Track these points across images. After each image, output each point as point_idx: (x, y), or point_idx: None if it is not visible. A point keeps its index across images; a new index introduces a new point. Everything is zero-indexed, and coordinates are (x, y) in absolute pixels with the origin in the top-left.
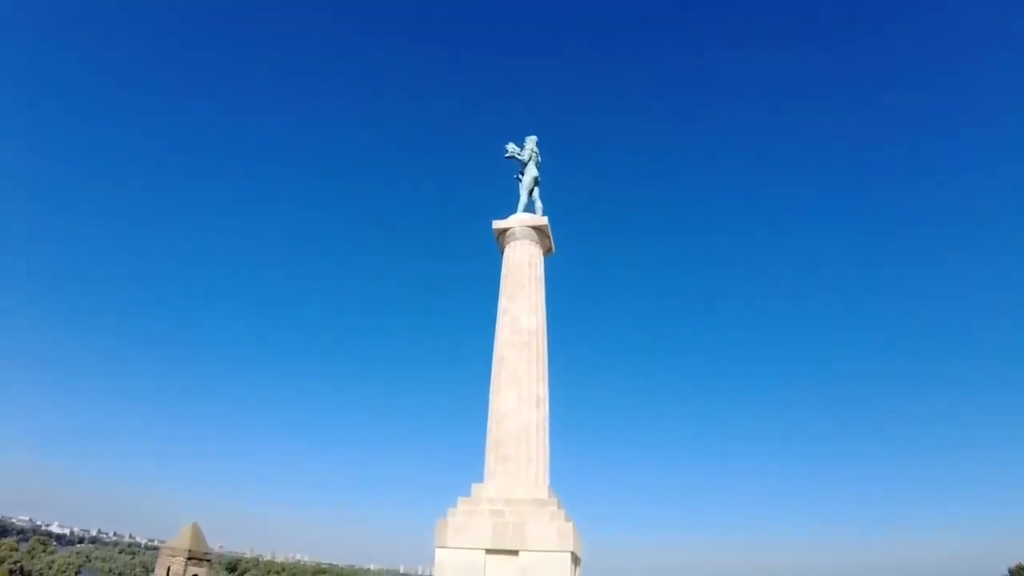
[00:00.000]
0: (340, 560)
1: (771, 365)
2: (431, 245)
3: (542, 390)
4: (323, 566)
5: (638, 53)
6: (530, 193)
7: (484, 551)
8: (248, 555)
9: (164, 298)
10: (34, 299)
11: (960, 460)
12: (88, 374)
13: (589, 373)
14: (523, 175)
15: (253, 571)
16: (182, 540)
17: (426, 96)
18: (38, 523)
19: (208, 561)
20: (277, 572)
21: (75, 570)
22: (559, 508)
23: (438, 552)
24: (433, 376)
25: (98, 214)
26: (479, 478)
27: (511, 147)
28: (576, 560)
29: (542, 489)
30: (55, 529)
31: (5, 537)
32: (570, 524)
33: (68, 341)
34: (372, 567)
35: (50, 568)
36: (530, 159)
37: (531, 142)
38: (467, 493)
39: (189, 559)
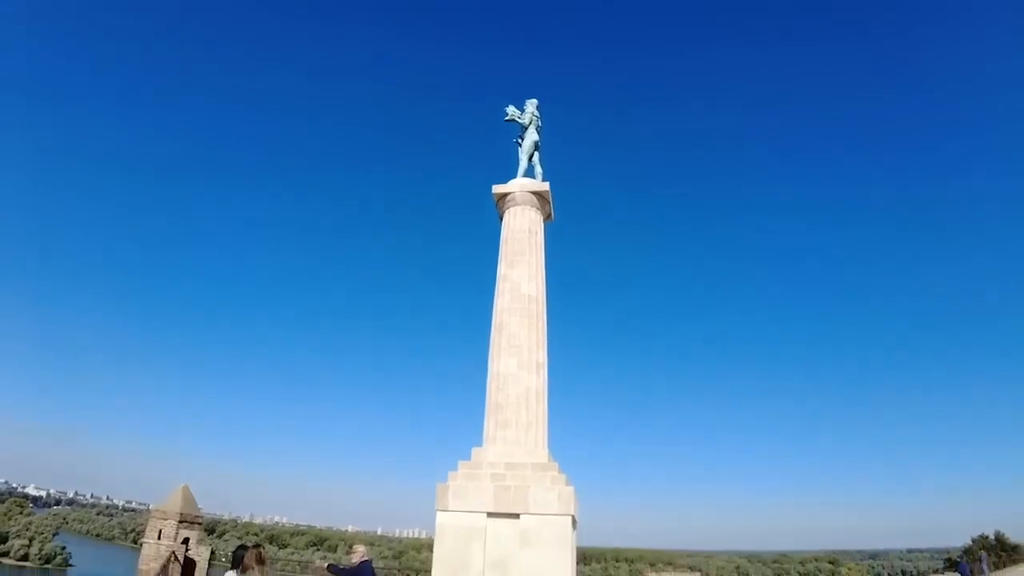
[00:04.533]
0: (317, 522)
1: (771, 329)
2: (430, 211)
3: (541, 356)
4: (301, 527)
5: (642, 13)
6: (530, 158)
7: (485, 514)
8: (226, 517)
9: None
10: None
11: (928, 436)
12: (64, 340)
13: (586, 340)
14: (523, 139)
15: (231, 533)
16: (173, 503)
17: (425, 61)
18: (13, 485)
19: (200, 524)
20: (255, 534)
21: (53, 532)
22: (559, 473)
23: (439, 515)
24: (422, 345)
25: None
26: (476, 443)
27: (511, 110)
28: (575, 523)
29: (542, 454)
30: (31, 491)
31: None
32: (570, 489)
33: (47, 305)
34: (350, 528)
35: (27, 530)
36: (530, 123)
37: (531, 105)
38: (466, 457)
39: (180, 522)
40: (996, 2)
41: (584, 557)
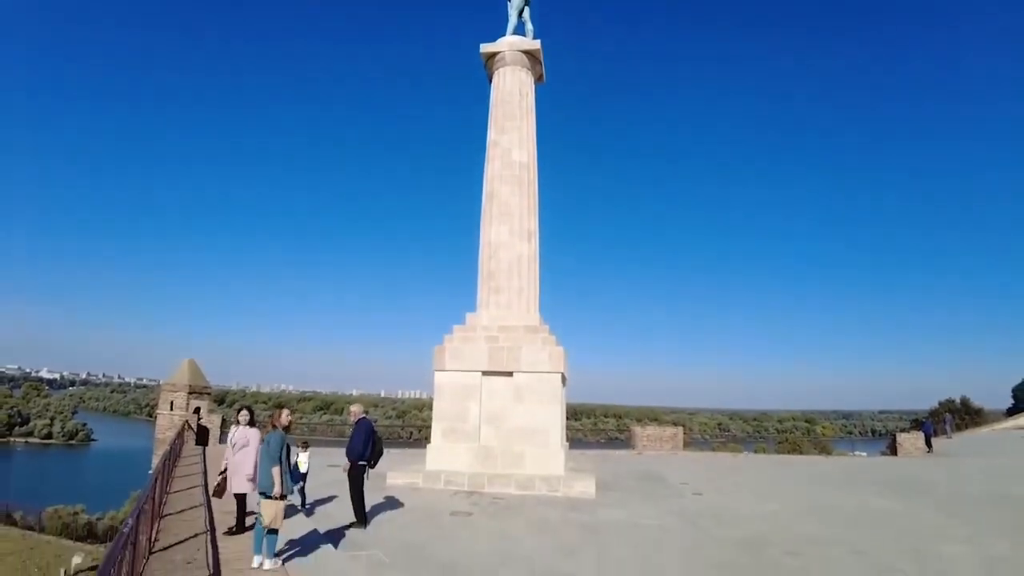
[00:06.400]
0: (322, 388)
1: (757, 197)
2: (419, 75)
3: (533, 224)
4: (307, 394)
5: None
6: (520, 14)
7: (480, 373)
8: (234, 388)
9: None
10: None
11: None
12: (65, 218)
13: (577, 205)
14: None
15: (240, 402)
16: (181, 376)
17: None
18: (27, 370)
19: (208, 394)
20: (263, 402)
21: (72, 411)
22: (550, 334)
23: (437, 375)
24: (418, 214)
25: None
26: (470, 309)
27: None
28: (564, 380)
29: (533, 317)
30: (45, 375)
31: None
32: (560, 349)
33: (54, 177)
34: (354, 392)
35: (47, 411)
36: None
37: None
38: (461, 322)
39: (190, 393)
40: None
41: (575, 413)
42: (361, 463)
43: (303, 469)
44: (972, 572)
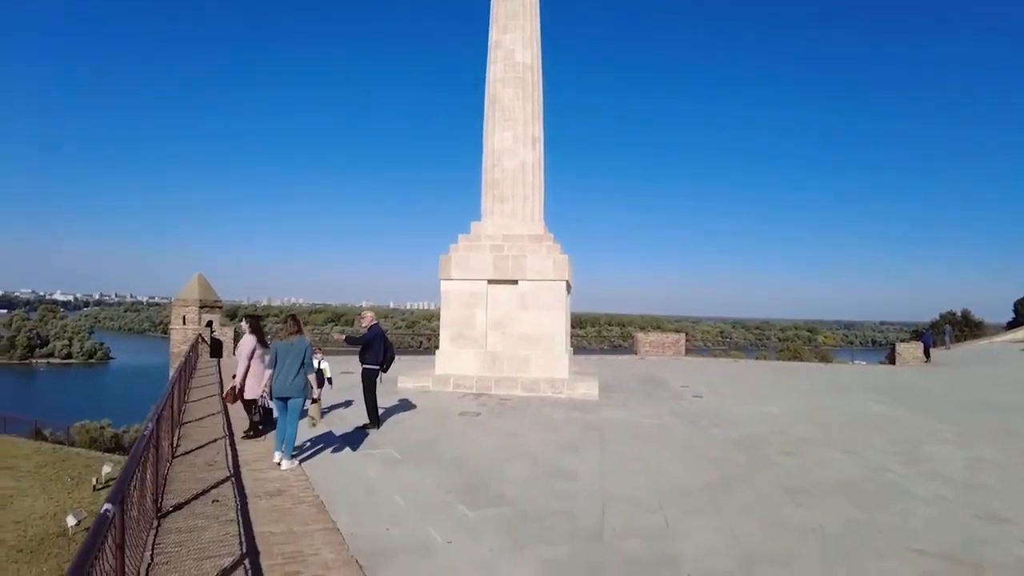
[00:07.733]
0: (333, 301)
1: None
2: None
3: (537, 129)
4: (318, 307)
5: None
6: None
7: (486, 281)
8: (245, 302)
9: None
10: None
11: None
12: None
13: (582, 111)
14: None
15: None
16: (191, 291)
17: None
18: (41, 294)
19: (219, 307)
20: (275, 315)
21: (88, 330)
22: (555, 243)
23: (443, 284)
24: (423, 124)
25: None
26: (475, 218)
27: None
28: (569, 287)
29: (538, 225)
30: (58, 297)
31: (12, 310)
32: (565, 257)
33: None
34: (363, 303)
35: (65, 331)
36: None
37: None
38: (466, 231)
39: (201, 307)
40: None
41: (579, 321)
42: (374, 367)
43: (327, 375)
44: (958, 472)
